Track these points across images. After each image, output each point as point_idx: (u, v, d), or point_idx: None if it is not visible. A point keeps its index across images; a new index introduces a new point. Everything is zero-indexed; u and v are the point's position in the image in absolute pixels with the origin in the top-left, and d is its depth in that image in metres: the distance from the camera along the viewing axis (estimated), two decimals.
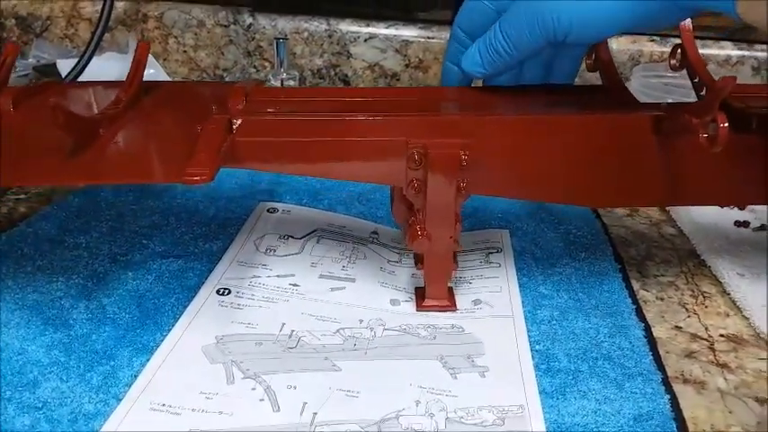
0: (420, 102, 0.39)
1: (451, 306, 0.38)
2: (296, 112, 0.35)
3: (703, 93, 0.38)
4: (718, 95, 0.32)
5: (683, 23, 0.38)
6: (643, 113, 0.36)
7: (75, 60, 0.65)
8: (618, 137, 0.36)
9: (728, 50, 0.69)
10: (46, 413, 0.29)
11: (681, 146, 0.36)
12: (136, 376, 0.32)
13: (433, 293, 0.38)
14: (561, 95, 0.40)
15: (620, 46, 0.70)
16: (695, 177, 0.38)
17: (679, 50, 0.39)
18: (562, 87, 0.41)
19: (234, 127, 0.34)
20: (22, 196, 0.49)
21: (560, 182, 0.37)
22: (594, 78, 0.43)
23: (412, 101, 0.39)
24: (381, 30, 0.73)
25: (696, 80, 0.38)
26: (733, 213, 0.50)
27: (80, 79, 0.63)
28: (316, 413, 0.30)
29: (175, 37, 0.76)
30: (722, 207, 0.46)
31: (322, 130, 0.34)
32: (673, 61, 0.40)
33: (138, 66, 0.41)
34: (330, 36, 0.73)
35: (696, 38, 0.39)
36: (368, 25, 0.73)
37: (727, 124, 0.32)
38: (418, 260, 0.39)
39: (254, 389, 0.31)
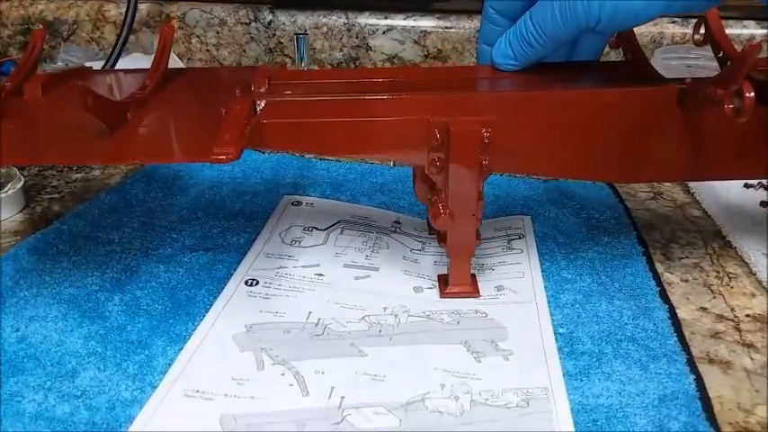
0: (441, 80, 0.39)
1: (474, 292, 0.38)
2: (318, 94, 0.35)
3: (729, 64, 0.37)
4: (743, 64, 0.32)
5: None
6: (667, 87, 0.36)
7: (103, 62, 0.66)
8: (641, 111, 0.36)
9: (752, 29, 0.68)
10: (85, 401, 0.31)
11: (705, 119, 0.36)
12: (170, 364, 0.33)
13: (456, 279, 0.38)
14: (584, 71, 0.40)
15: (641, 28, 0.68)
16: (719, 151, 0.37)
17: (702, 25, 0.39)
18: (585, 63, 0.40)
19: (258, 109, 0.34)
20: (56, 196, 0.51)
21: (583, 157, 0.37)
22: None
23: (433, 79, 0.39)
24: (399, 21, 0.73)
25: (720, 55, 0.38)
26: (759, 194, 0.49)
27: None
28: (343, 396, 0.30)
29: (198, 36, 0.77)
30: (746, 186, 0.46)
31: (344, 111, 0.34)
32: (696, 36, 0.39)
33: (164, 50, 0.41)
34: (349, 30, 0.74)
35: (719, 17, 0.39)
36: (386, 17, 0.73)
37: (753, 94, 0.31)
38: (441, 237, 0.39)
39: (283, 374, 0.32)
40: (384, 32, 0.73)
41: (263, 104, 0.34)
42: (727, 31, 0.59)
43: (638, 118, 0.36)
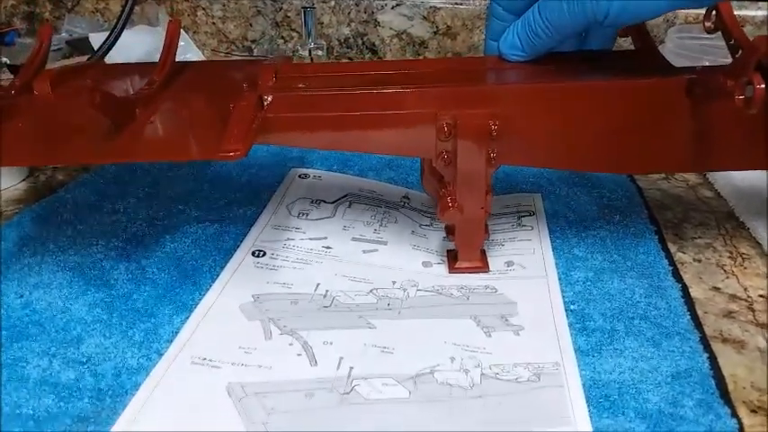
0: (449, 73, 0.39)
1: (484, 267, 0.38)
2: (325, 88, 0.35)
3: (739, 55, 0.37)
4: (753, 55, 0.31)
5: None
6: (675, 78, 0.35)
7: (107, 34, 0.65)
8: (650, 102, 0.35)
9: (766, 11, 0.66)
10: (90, 367, 0.30)
11: (715, 109, 0.35)
12: (176, 333, 0.32)
13: (466, 255, 0.38)
14: (592, 62, 0.39)
15: None
16: (729, 141, 0.37)
17: (714, 12, 0.38)
18: (593, 53, 0.40)
19: (265, 104, 0.34)
20: (60, 165, 0.50)
21: (591, 149, 0.37)
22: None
23: (440, 72, 0.39)
24: None
25: (731, 42, 0.37)
26: None
27: (112, 53, 0.63)
28: (352, 367, 0.30)
29: (204, 9, 0.76)
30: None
31: (351, 105, 0.34)
32: (707, 23, 0.39)
33: (170, 46, 0.41)
34: (357, 4, 0.73)
35: (730, 5, 0.38)
36: None
37: (763, 85, 0.30)
38: (449, 231, 0.38)
39: (291, 344, 0.31)
40: (393, 8, 0.72)
41: (270, 99, 0.34)
42: (742, 12, 0.58)
43: (647, 109, 0.35)
